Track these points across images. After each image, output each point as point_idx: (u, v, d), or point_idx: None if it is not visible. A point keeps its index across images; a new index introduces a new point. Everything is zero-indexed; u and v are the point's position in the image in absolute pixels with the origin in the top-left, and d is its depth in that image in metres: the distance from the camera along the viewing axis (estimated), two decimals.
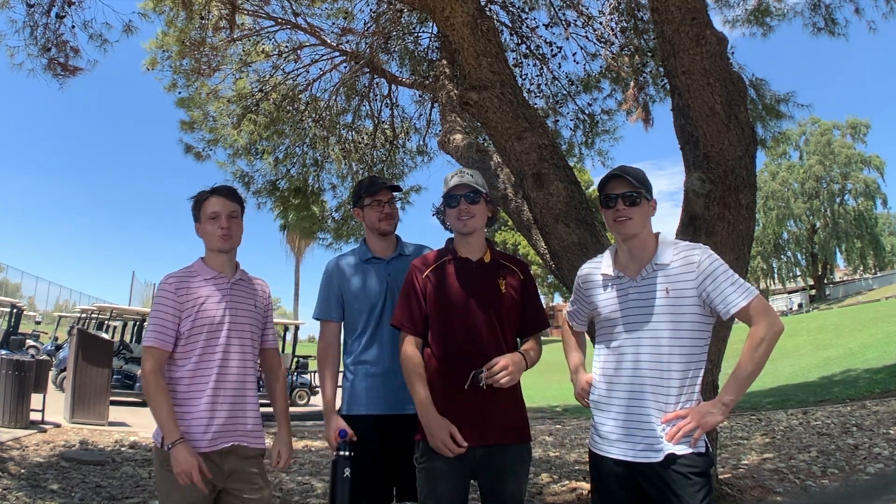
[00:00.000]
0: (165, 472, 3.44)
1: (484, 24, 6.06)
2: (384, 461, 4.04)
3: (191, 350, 3.57)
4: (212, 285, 3.69)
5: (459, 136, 9.14)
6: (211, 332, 3.59)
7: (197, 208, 3.79)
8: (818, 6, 10.11)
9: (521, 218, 7.53)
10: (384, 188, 4.43)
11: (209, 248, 3.79)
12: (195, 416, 3.50)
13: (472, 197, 3.69)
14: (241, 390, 3.64)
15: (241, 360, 3.67)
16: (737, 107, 5.40)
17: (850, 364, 20.11)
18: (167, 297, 3.58)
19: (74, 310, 40.78)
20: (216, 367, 3.57)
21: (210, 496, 3.50)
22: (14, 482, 7.73)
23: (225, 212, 3.72)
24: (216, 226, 3.70)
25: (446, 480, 3.51)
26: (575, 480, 8.09)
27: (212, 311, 3.62)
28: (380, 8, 11.70)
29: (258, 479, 3.66)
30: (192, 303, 3.60)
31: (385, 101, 13.64)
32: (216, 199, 3.74)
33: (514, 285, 3.75)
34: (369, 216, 4.38)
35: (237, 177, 13.67)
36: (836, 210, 72.34)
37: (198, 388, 3.53)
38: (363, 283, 4.33)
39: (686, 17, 5.26)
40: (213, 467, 3.47)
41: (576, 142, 13.08)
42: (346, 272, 4.38)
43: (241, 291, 3.79)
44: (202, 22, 10.98)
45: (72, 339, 15.51)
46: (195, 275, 3.71)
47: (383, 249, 4.43)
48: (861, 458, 7.89)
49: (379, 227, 4.37)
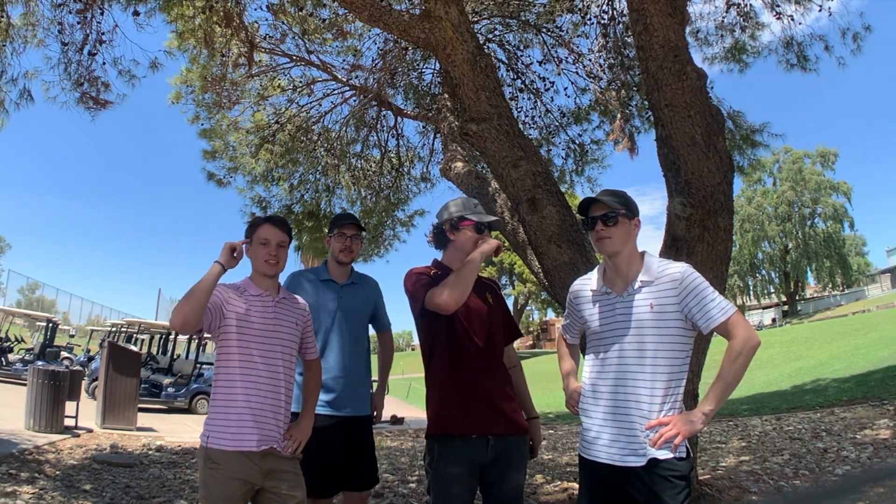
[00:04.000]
0: (208, 470, 3.46)
1: (482, 61, 6.09)
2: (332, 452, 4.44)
3: (238, 358, 3.58)
4: (259, 301, 3.71)
5: (460, 164, 9.17)
6: (256, 344, 3.61)
7: (251, 231, 3.82)
8: (791, 44, 10.16)
9: (516, 239, 7.53)
10: (350, 224, 4.81)
11: (256, 271, 3.81)
12: (239, 419, 3.52)
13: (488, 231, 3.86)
14: (281, 397, 3.65)
15: (284, 370, 3.68)
16: (715, 137, 5.41)
17: (820, 374, 20.05)
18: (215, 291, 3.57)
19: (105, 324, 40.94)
20: (259, 375, 3.58)
21: (248, 495, 3.52)
22: (50, 483, 7.71)
23: (275, 240, 3.75)
24: (265, 251, 3.73)
25: (460, 484, 3.49)
26: (567, 481, 8.06)
27: (258, 325, 3.64)
28: (386, 46, 11.74)
29: (295, 479, 3.67)
30: (237, 310, 3.62)
31: (391, 132, 13.68)
32: (269, 227, 3.77)
33: (494, 297, 3.89)
34: (333, 245, 4.77)
35: (255, 202, 13.67)
36: (806, 232, 72.75)
37: (243, 394, 3.54)
38: (318, 299, 4.66)
39: (668, 55, 5.29)
40: (252, 466, 3.48)
41: (567, 169, 13.11)
42: (306, 287, 4.68)
43: (284, 309, 3.81)
44: (223, 59, 11.02)
45: (103, 351, 15.54)
46: (243, 290, 3.74)
47: (339, 275, 4.80)
48: (830, 460, 7.85)
49: (338, 256, 4.76)
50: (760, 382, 21.47)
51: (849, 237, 75.14)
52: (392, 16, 6.18)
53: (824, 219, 73.13)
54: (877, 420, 9.98)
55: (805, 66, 10.17)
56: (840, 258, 72.30)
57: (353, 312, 4.70)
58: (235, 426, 3.50)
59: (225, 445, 3.47)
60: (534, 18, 11.84)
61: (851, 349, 25.21)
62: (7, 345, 24.62)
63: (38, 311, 38.63)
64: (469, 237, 3.75)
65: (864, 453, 7.90)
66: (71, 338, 36.60)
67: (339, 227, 4.76)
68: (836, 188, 73.05)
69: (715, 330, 3.08)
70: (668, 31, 5.26)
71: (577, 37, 11.93)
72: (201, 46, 10.55)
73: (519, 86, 12.47)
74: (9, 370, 22.59)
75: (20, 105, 9.23)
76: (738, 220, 67.27)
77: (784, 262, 74.37)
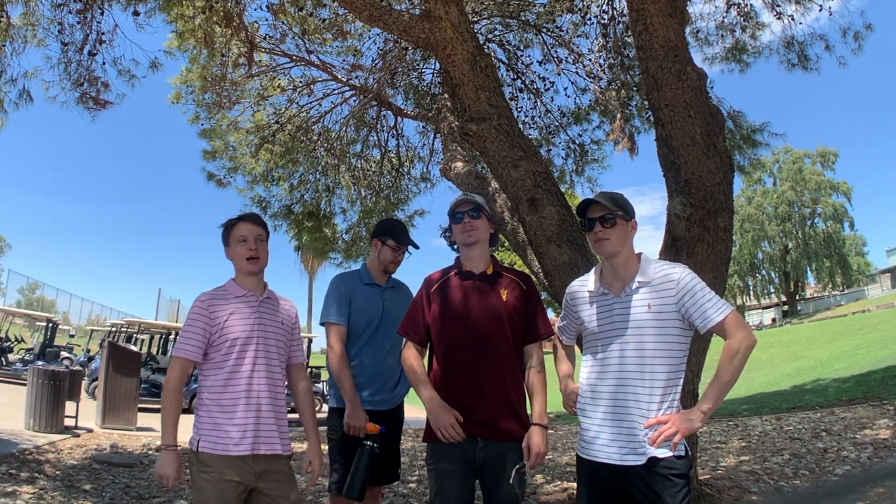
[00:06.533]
0: (200, 475, 3.45)
1: (482, 61, 6.09)
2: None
3: (223, 362, 3.57)
4: (242, 303, 3.69)
5: (460, 164, 9.16)
6: (242, 345, 3.59)
7: (226, 234, 3.82)
8: (791, 44, 10.16)
9: (516, 239, 7.53)
10: (409, 243, 4.94)
11: (239, 271, 3.80)
12: (230, 423, 3.49)
13: (474, 213, 3.77)
14: (270, 400, 3.63)
15: (269, 373, 3.66)
16: (715, 137, 5.41)
17: (820, 374, 20.04)
18: (199, 314, 3.59)
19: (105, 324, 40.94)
20: (247, 379, 3.56)
21: (242, 496, 3.50)
22: (50, 483, 7.71)
23: (252, 235, 3.75)
24: (244, 248, 3.73)
25: (453, 480, 3.50)
26: (566, 481, 8.06)
27: (242, 327, 3.62)
28: (386, 46, 11.74)
29: (287, 480, 3.66)
30: (224, 319, 3.60)
31: (391, 132, 13.68)
32: (243, 224, 3.78)
33: (515, 295, 3.75)
34: (386, 254, 4.87)
35: (255, 202, 13.67)
36: (806, 232, 72.71)
37: (230, 398, 3.53)
38: (366, 300, 4.78)
39: (668, 55, 5.29)
40: (245, 468, 3.47)
41: (567, 169, 13.12)
42: (355, 288, 4.81)
43: (268, 309, 3.79)
44: (223, 59, 11.01)
45: (103, 351, 15.55)
46: (227, 293, 3.72)
47: (380, 278, 4.92)
48: (830, 460, 7.85)
49: (388, 266, 4.90)
50: (760, 382, 21.46)
51: (849, 237, 75.13)
52: (392, 16, 6.18)
53: (824, 219, 73.11)
54: (877, 420, 9.98)
55: (806, 66, 10.17)
56: (840, 258, 72.27)
57: (393, 315, 4.73)
58: (225, 430, 3.49)
59: (217, 449, 3.46)
60: (534, 18, 11.84)
61: (851, 349, 25.21)
62: (7, 345, 24.62)
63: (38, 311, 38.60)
64: (454, 231, 3.81)
65: (864, 453, 7.90)
66: (71, 338, 36.59)
67: (399, 242, 4.88)
68: (836, 188, 73.03)
69: (712, 330, 3.09)
70: (668, 31, 5.26)
71: (577, 37, 11.95)
72: (201, 46, 10.55)
73: (519, 86, 12.48)
74: (9, 370, 22.58)
75: (20, 105, 9.24)
76: (738, 220, 67.27)
77: (784, 262, 74.35)
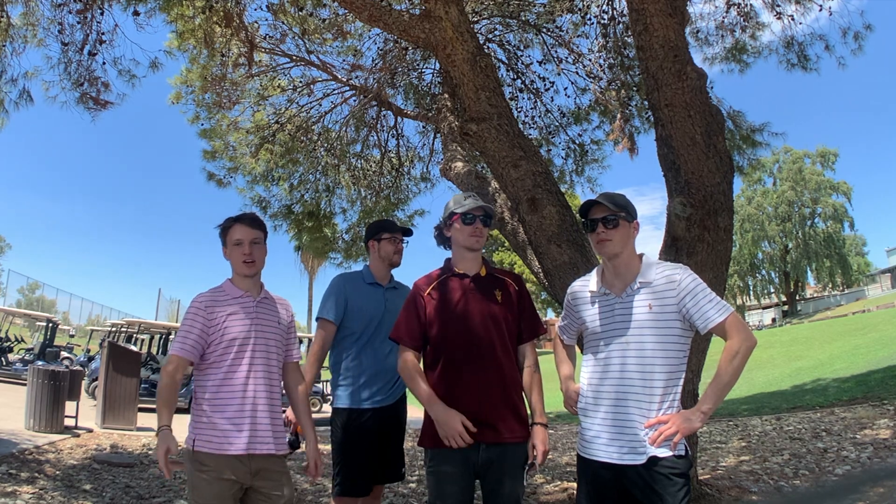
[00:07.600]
0: (196, 473, 3.45)
1: (482, 61, 6.09)
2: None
3: (221, 362, 3.57)
4: (238, 304, 3.69)
5: (460, 164, 9.17)
6: (240, 346, 3.59)
7: (223, 235, 3.80)
8: (791, 44, 10.16)
9: (516, 239, 7.54)
10: (401, 230, 5.03)
11: (235, 272, 3.79)
12: (226, 422, 3.50)
13: (486, 221, 3.77)
14: (267, 400, 3.63)
15: (267, 373, 3.66)
16: (715, 137, 5.41)
17: (820, 374, 20.01)
18: (197, 314, 3.59)
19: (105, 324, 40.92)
20: (243, 379, 3.56)
21: (237, 494, 3.51)
22: (50, 483, 7.71)
23: (248, 239, 3.72)
24: (240, 252, 3.71)
25: (453, 482, 3.48)
26: (567, 481, 8.06)
27: (240, 327, 3.62)
28: (386, 46, 11.75)
29: (282, 478, 3.66)
30: (221, 319, 3.60)
31: (391, 132, 13.68)
32: (240, 227, 3.74)
33: (509, 295, 3.78)
34: (387, 248, 4.92)
35: (255, 202, 13.66)
36: (806, 232, 72.72)
37: (227, 397, 3.53)
38: (368, 300, 4.80)
39: (668, 55, 5.29)
40: (241, 467, 3.47)
41: (567, 169, 13.10)
42: (357, 288, 4.83)
43: (265, 309, 3.79)
44: (223, 59, 11.01)
45: (103, 351, 15.53)
46: (224, 294, 3.71)
47: (383, 279, 4.95)
48: (830, 460, 7.85)
49: (392, 258, 4.95)
50: (760, 382, 21.43)
51: (849, 237, 75.09)
52: (392, 16, 6.18)
53: (824, 219, 73.10)
54: (877, 420, 9.97)
55: (806, 66, 10.17)
56: (840, 258, 72.25)
57: (395, 315, 4.72)
58: (221, 429, 3.50)
59: (213, 449, 3.46)
60: (534, 18, 11.84)
61: (851, 349, 25.18)
62: (7, 345, 24.61)
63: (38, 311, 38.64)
64: (458, 230, 3.76)
65: (864, 453, 7.90)
66: (71, 338, 36.56)
67: (392, 232, 4.95)
68: (836, 188, 73.01)
69: (712, 331, 3.11)
70: (668, 31, 5.26)
71: (577, 37, 11.94)
72: (201, 46, 10.56)
73: (519, 86, 12.47)
74: (9, 370, 22.59)
75: (20, 105, 9.24)
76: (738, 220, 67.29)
77: (784, 262, 74.34)
